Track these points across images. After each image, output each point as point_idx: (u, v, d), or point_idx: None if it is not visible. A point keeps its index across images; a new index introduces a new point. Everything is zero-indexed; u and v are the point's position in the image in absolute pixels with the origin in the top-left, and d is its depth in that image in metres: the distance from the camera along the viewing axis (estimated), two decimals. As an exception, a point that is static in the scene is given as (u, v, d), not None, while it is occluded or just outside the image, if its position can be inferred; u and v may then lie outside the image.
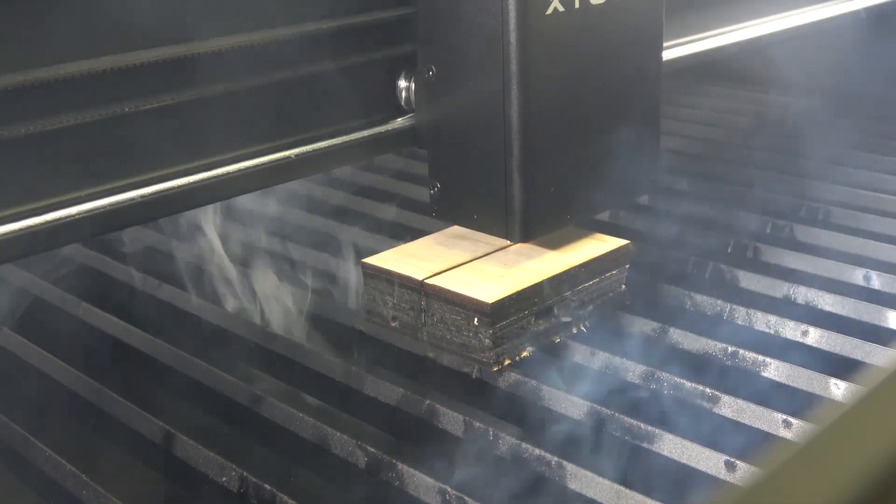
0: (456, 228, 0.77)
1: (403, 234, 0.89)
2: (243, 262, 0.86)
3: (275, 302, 0.80)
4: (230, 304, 0.82)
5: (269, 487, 0.59)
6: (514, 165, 0.67)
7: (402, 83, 0.72)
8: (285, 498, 0.58)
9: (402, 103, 0.72)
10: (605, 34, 0.70)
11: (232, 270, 0.84)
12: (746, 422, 0.64)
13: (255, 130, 0.66)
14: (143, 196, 0.60)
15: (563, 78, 0.68)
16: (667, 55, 0.88)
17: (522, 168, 0.67)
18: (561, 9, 0.66)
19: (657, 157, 0.78)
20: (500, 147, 0.67)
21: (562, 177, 0.70)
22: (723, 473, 0.59)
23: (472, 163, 0.70)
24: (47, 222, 0.56)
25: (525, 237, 0.70)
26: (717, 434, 0.63)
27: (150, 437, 0.66)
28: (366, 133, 0.71)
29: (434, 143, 0.72)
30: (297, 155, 0.67)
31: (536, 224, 0.70)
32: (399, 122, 0.72)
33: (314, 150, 0.68)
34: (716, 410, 0.65)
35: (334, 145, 0.69)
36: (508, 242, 0.74)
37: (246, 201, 0.99)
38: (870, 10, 1.19)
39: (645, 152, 0.76)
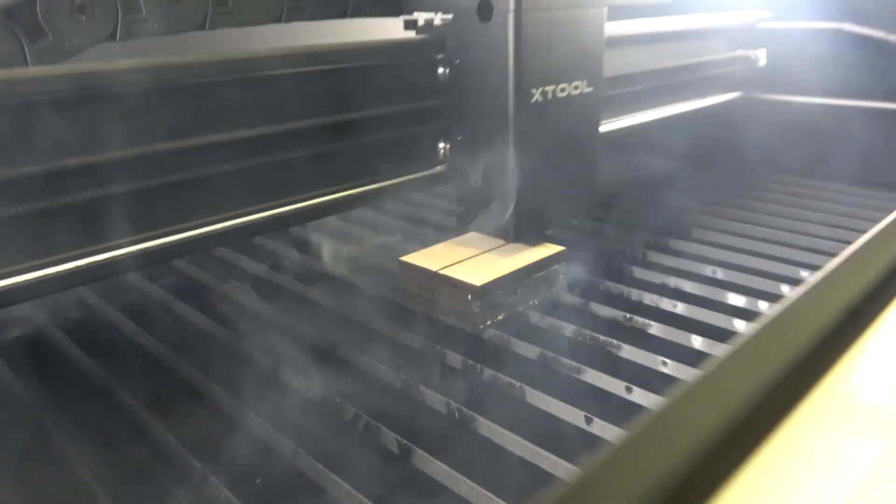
0: (460, 238, 0.77)
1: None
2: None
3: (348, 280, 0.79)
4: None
5: (338, 400, 0.58)
6: (509, 195, 0.70)
7: (441, 144, 0.74)
8: (360, 412, 0.57)
9: (442, 156, 0.74)
10: (567, 114, 0.72)
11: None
12: (639, 361, 0.64)
13: (350, 172, 0.67)
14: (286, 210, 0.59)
15: (541, 139, 0.70)
16: (606, 127, 0.92)
17: (515, 196, 0.70)
18: (541, 99, 0.68)
19: (595, 191, 0.80)
20: (504, 186, 0.70)
21: (538, 201, 0.73)
22: (624, 394, 0.59)
23: (483, 193, 0.72)
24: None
25: (515, 238, 0.74)
26: (620, 367, 0.64)
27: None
28: (420, 174, 0.73)
29: (461, 182, 0.74)
30: (377, 188, 0.69)
31: (522, 231, 0.73)
32: (439, 168, 0.74)
33: (386, 186, 0.70)
34: (620, 354, 0.65)
35: (400, 182, 0.70)
36: (494, 247, 0.74)
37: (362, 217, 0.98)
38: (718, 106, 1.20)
39: (588, 187, 0.79)
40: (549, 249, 0.76)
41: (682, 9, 1.17)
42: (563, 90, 0.70)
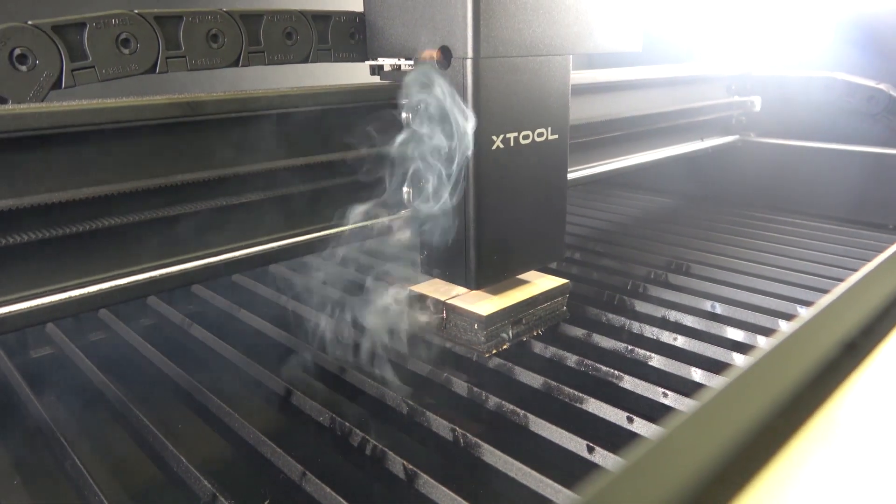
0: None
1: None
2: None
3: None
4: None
5: (348, 425, 0.58)
6: (470, 242, 0.65)
7: (406, 189, 0.65)
8: (356, 431, 0.57)
9: (406, 201, 0.66)
10: (530, 161, 0.67)
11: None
12: (640, 392, 0.63)
13: (322, 215, 0.62)
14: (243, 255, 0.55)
15: (503, 186, 0.65)
16: (574, 175, 0.90)
17: (475, 243, 0.65)
18: (502, 146, 0.63)
19: (562, 237, 0.74)
20: (462, 233, 0.65)
21: (501, 248, 0.67)
22: (625, 424, 0.58)
23: (446, 239, 0.66)
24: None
25: (477, 286, 0.67)
26: (622, 399, 0.63)
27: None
28: (383, 220, 0.67)
29: (423, 229, 0.68)
30: (345, 232, 0.64)
31: (484, 278, 0.67)
32: (403, 213, 0.67)
33: (351, 229, 0.64)
34: (621, 385, 0.65)
35: (363, 227, 0.65)
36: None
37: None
38: (716, 147, 1.21)
39: (555, 233, 0.73)
40: (554, 281, 0.75)
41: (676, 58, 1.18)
42: (525, 137, 0.65)
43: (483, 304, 0.69)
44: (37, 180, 0.44)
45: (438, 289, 0.72)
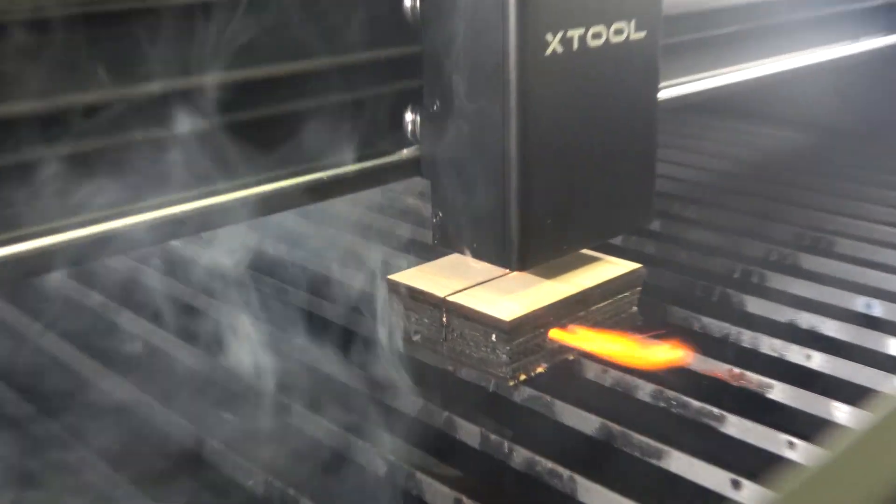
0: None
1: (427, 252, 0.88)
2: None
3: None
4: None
5: (292, 492, 0.60)
6: (511, 197, 0.66)
7: (409, 116, 0.70)
8: (306, 500, 0.59)
9: (409, 135, 0.71)
10: (603, 74, 0.69)
11: None
12: (752, 441, 0.63)
13: (271, 159, 0.64)
14: (133, 224, 0.58)
15: (561, 113, 0.67)
16: (668, 93, 0.90)
17: (519, 199, 0.66)
18: (560, 50, 0.65)
19: (651, 190, 0.77)
20: (500, 179, 0.66)
21: (559, 208, 0.69)
22: (728, 491, 0.58)
23: (472, 193, 0.69)
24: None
25: (521, 266, 0.69)
26: (723, 453, 0.62)
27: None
28: (373, 163, 0.69)
29: (437, 174, 0.71)
30: (308, 182, 0.66)
31: (533, 254, 0.69)
32: (405, 152, 0.71)
33: (325, 178, 0.67)
34: (722, 429, 0.65)
35: (343, 174, 0.67)
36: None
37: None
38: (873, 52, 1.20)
39: (641, 185, 0.75)
40: (617, 267, 0.75)
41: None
42: (596, 36, 0.67)
43: (505, 302, 0.69)
44: None
45: (434, 279, 0.73)
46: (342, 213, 1.03)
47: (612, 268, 0.75)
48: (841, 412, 0.66)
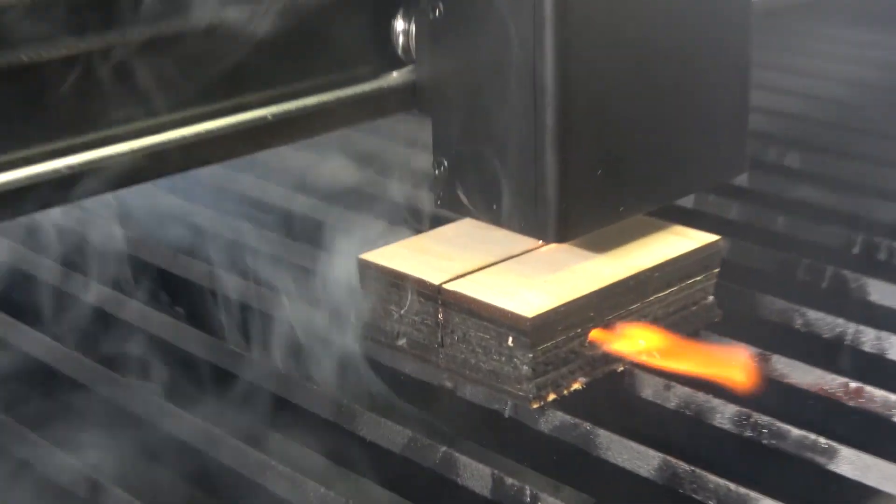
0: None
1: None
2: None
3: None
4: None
5: None
6: (547, 140, 0.64)
7: (401, 25, 0.68)
8: None
9: (400, 52, 0.69)
10: None
11: None
12: (871, 483, 0.61)
13: (218, 85, 0.63)
14: (70, 167, 0.57)
15: (615, 20, 0.66)
16: None
17: (559, 144, 0.64)
18: None
19: (743, 130, 0.76)
20: (530, 115, 0.64)
21: (612, 157, 0.68)
22: None
23: (491, 135, 0.67)
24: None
25: (562, 236, 0.68)
26: (833, 500, 0.64)
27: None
28: (346, 92, 0.68)
29: (440, 107, 0.69)
30: (244, 123, 0.64)
31: (576, 219, 0.67)
32: (395, 76, 0.69)
33: (270, 118, 0.65)
34: (830, 467, 0.63)
35: (298, 110, 0.66)
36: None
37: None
38: None
39: (728, 123, 0.75)
40: (685, 240, 0.75)
41: None
42: None
43: (527, 291, 0.68)
44: None
45: (426, 258, 0.73)
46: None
47: (680, 241, 0.75)
48: None
